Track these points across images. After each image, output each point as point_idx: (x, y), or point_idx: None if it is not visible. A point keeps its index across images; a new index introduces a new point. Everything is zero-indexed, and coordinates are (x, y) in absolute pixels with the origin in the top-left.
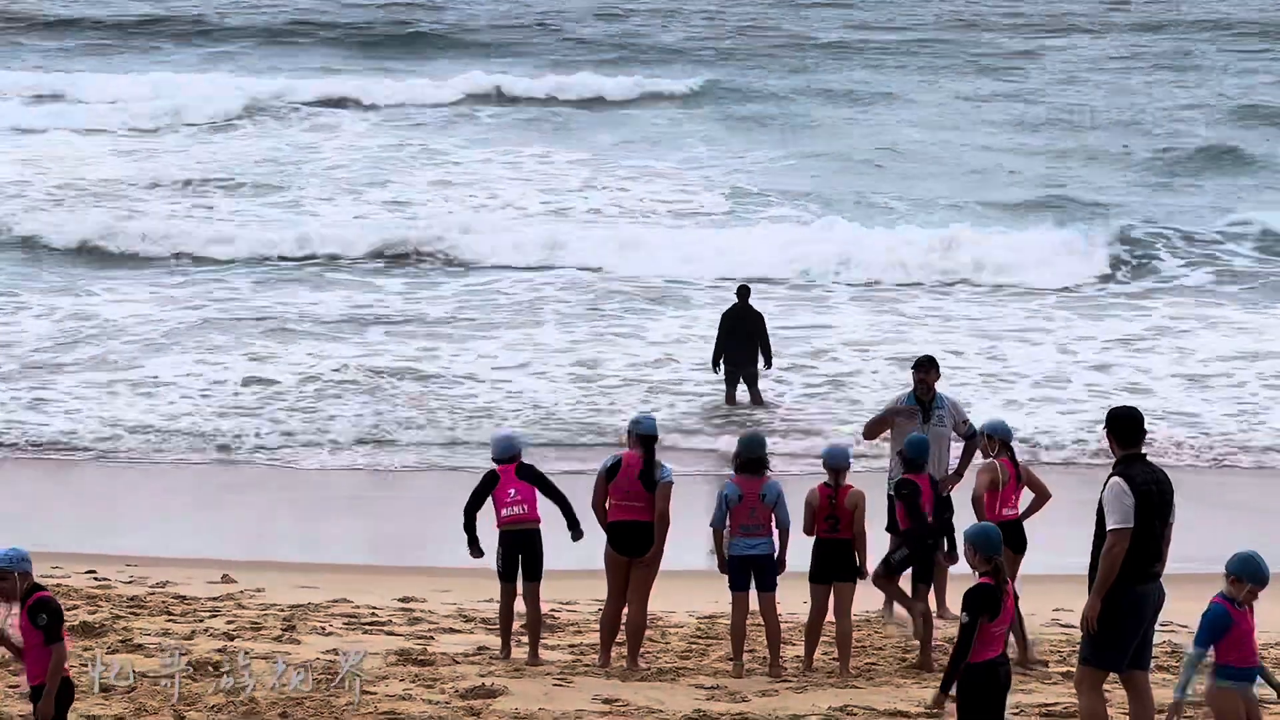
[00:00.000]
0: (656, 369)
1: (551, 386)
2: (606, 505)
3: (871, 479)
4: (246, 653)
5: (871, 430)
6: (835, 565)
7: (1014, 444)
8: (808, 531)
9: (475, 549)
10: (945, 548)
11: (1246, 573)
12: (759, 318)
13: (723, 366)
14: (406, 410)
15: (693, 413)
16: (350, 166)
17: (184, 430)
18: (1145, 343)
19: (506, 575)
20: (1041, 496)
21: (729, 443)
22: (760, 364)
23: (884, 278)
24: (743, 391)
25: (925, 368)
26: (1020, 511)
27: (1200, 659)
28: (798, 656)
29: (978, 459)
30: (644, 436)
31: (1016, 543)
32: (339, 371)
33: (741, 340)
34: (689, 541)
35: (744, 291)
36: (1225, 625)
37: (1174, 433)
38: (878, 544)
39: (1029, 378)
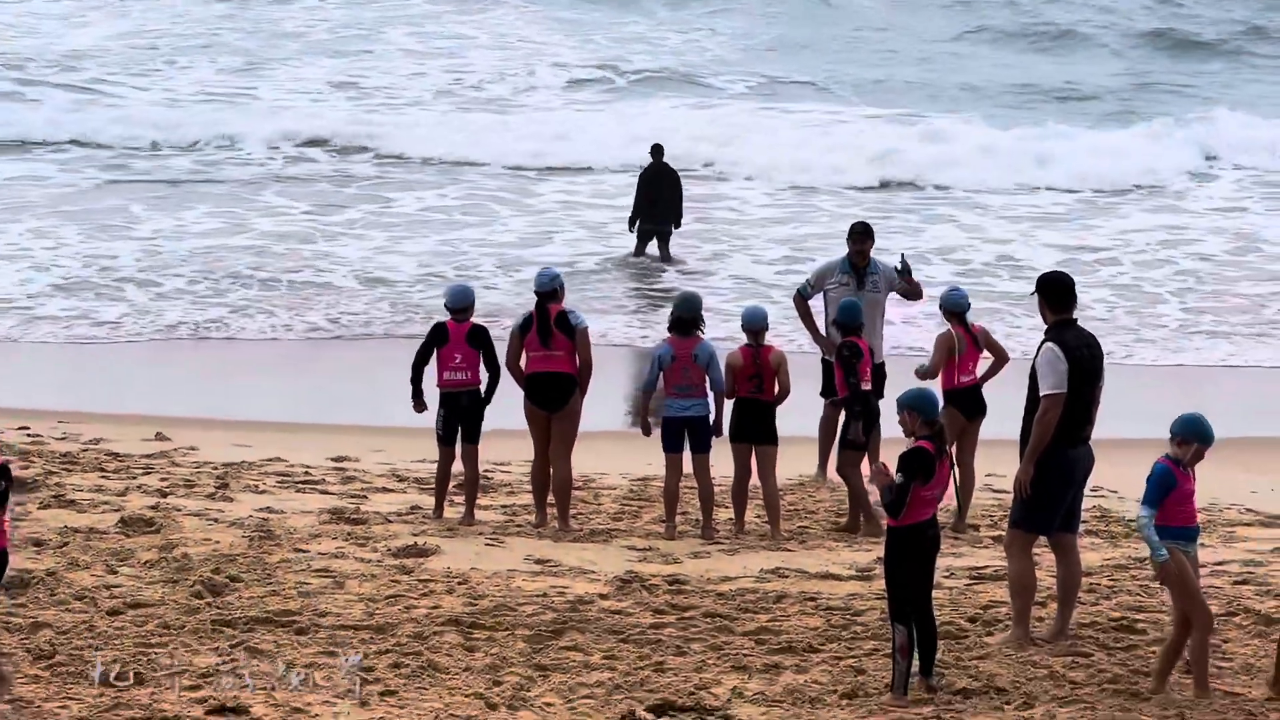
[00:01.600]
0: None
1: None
2: (522, 362)
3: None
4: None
5: (805, 295)
6: (757, 426)
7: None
8: (729, 394)
9: (419, 403)
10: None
11: (1195, 433)
12: (675, 176)
13: (638, 225)
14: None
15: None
16: None
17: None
18: None
19: (446, 439)
20: (1000, 359)
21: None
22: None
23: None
24: (653, 248)
25: (861, 236)
26: (978, 376)
27: (1152, 518)
28: (730, 519)
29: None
30: (540, 293)
31: (974, 408)
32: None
33: (658, 198)
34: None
35: (658, 150)
36: (1171, 485)
37: None
38: (805, 405)
39: None
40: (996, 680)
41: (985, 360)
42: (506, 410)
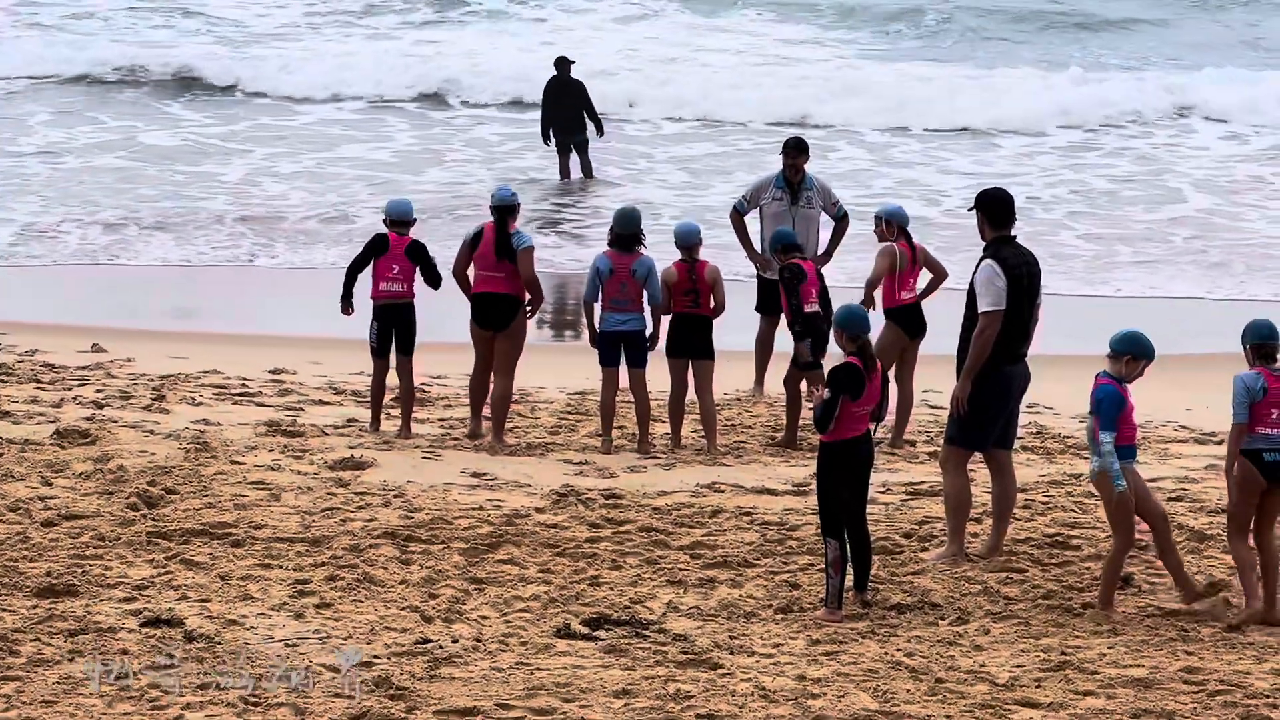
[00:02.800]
0: None
1: None
2: (470, 275)
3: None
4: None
5: (742, 211)
6: (694, 341)
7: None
8: (665, 310)
9: (348, 305)
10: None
11: (1139, 350)
12: (581, 86)
13: (553, 139)
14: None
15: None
16: None
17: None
18: None
19: (380, 351)
20: (939, 276)
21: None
22: (591, 131)
23: None
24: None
25: (794, 151)
26: (917, 294)
27: (1113, 443)
28: (667, 434)
29: (850, 241)
30: (497, 207)
31: (915, 326)
32: None
33: (567, 110)
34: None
35: (563, 62)
36: (1122, 404)
37: None
38: (741, 320)
39: None
40: (931, 595)
41: (924, 278)
42: (443, 323)
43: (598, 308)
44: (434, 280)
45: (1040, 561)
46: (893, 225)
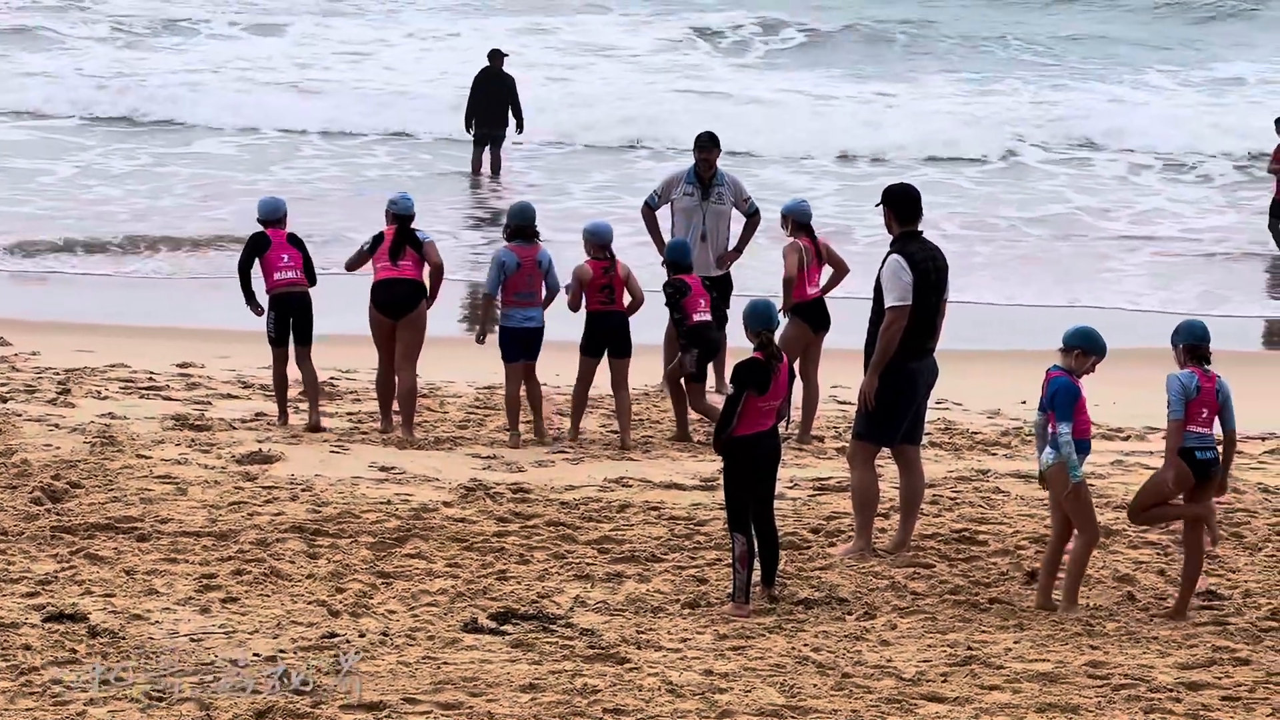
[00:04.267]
0: None
1: None
2: (372, 271)
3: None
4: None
5: (653, 206)
6: (612, 338)
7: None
8: (574, 307)
9: (254, 305)
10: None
11: (1090, 345)
12: (511, 81)
13: (474, 129)
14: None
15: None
16: None
17: None
18: None
19: (278, 340)
20: (840, 271)
21: None
22: (512, 127)
23: None
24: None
25: (707, 146)
26: (821, 288)
27: (1070, 435)
28: (561, 429)
29: (761, 239)
30: (399, 215)
31: (820, 321)
32: None
33: (493, 103)
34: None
35: (496, 55)
36: (1077, 396)
37: None
38: (650, 316)
39: None
40: (838, 590)
41: (827, 273)
42: (352, 316)
43: (498, 301)
44: (311, 273)
45: (947, 557)
46: (788, 220)
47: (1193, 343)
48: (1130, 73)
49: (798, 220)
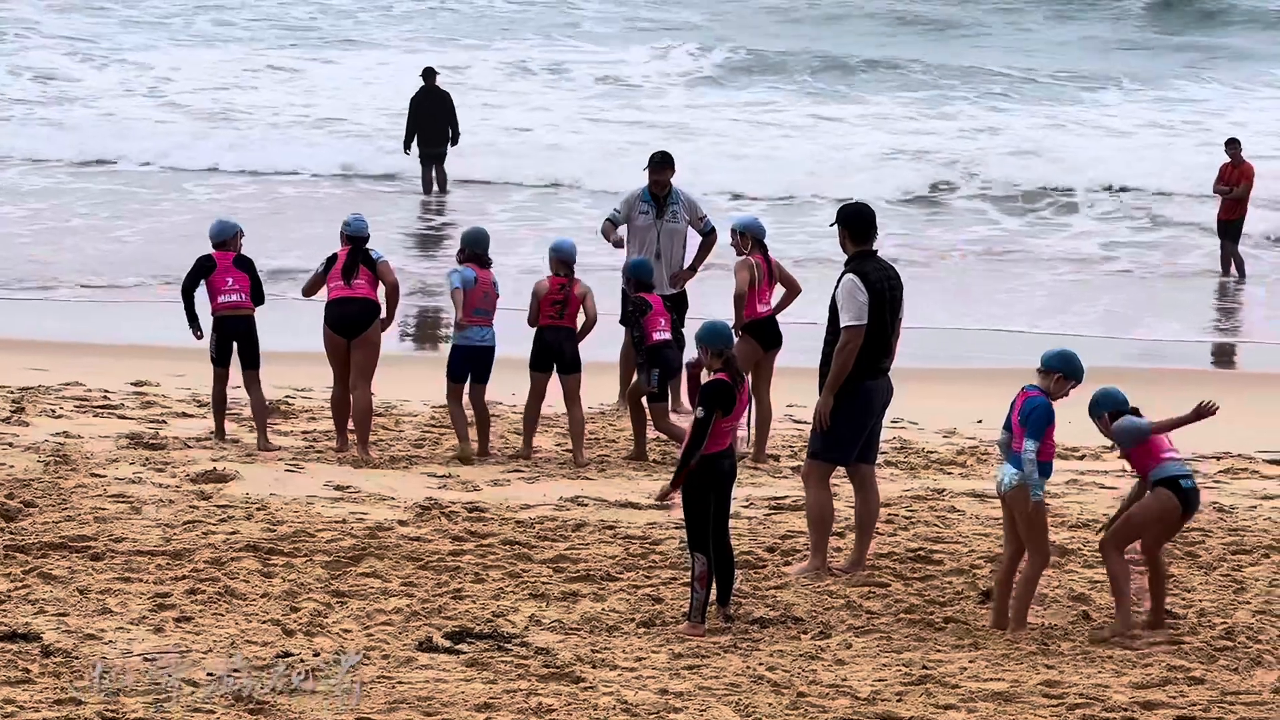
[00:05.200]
0: None
1: None
2: (326, 291)
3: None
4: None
5: (616, 224)
6: (560, 355)
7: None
8: (532, 322)
9: (196, 328)
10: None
11: (1070, 370)
12: (445, 97)
13: (415, 149)
14: None
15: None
16: None
17: None
18: None
19: (220, 360)
20: (793, 291)
21: None
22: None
23: None
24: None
25: (660, 165)
26: (773, 307)
27: (1036, 454)
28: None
29: (722, 257)
30: (353, 237)
31: (771, 339)
32: None
33: (431, 120)
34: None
35: (430, 73)
36: (1051, 419)
37: None
38: (605, 334)
39: None
40: (794, 609)
41: (779, 292)
42: (307, 336)
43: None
44: (259, 294)
45: (903, 576)
46: (748, 238)
47: (1116, 410)
48: (1069, 101)
49: (755, 236)
